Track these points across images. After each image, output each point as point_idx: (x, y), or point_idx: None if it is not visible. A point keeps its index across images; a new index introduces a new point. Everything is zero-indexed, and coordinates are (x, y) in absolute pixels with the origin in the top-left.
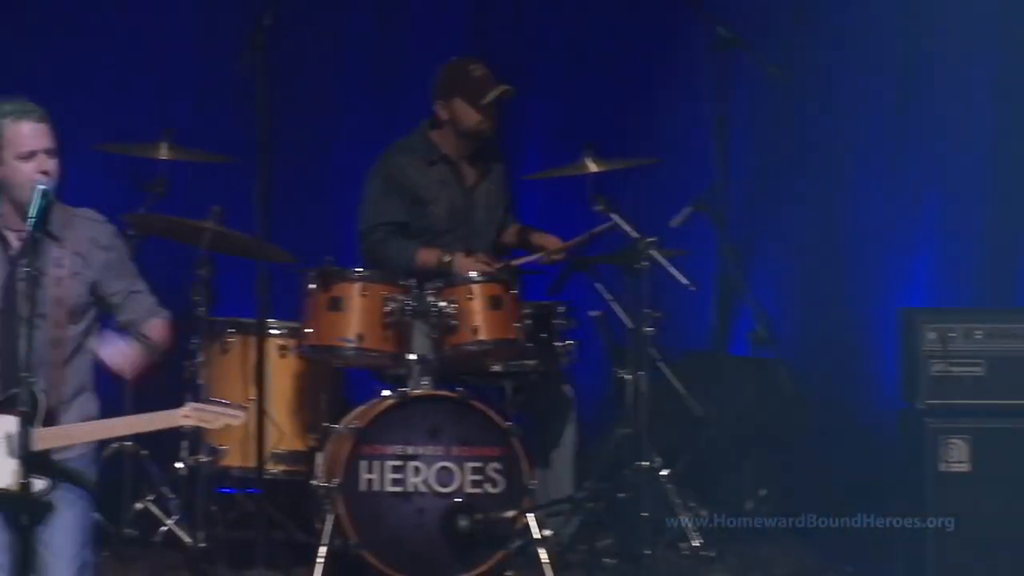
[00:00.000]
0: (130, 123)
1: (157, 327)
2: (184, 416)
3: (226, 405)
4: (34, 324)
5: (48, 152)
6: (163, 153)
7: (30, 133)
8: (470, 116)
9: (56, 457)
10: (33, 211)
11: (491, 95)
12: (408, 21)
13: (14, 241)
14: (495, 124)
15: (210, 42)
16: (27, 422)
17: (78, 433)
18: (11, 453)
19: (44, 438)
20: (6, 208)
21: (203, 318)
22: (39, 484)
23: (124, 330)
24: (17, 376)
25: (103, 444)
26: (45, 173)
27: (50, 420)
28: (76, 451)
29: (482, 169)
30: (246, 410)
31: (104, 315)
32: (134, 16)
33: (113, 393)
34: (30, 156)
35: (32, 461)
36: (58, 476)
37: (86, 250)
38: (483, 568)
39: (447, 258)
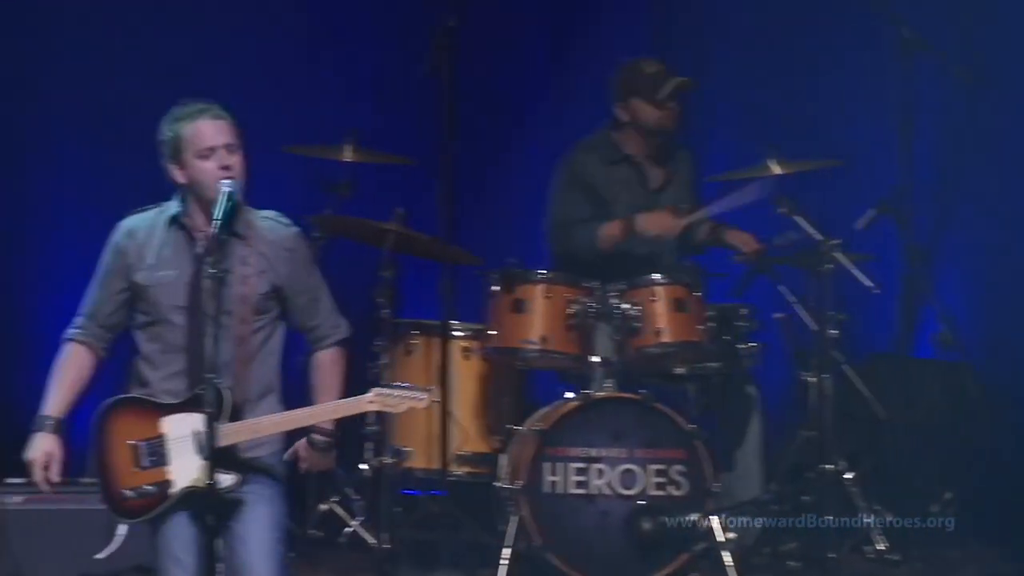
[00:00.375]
0: (315, 125)
1: (329, 364)
2: (369, 402)
3: (410, 388)
4: (219, 322)
5: (228, 148)
6: (348, 155)
7: (207, 131)
8: (650, 113)
9: (246, 455)
10: (218, 212)
11: (667, 88)
12: (588, 21)
13: (201, 240)
14: (677, 118)
15: (394, 44)
16: (213, 419)
17: (265, 425)
18: (198, 451)
19: (231, 433)
20: (192, 207)
21: (387, 320)
22: (226, 480)
23: (303, 334)
24: (203, 374)
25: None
26: (227, 169)
27: (236, 418)
28: (265, 449)
29: (668, 171)
30: (430, 392)
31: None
32: (319, 19)
33: (296, 395)
34: (210, 153)
35: (219, 459)
36: (247, 472)
37: (271, 251)
38: (666, 571)
39: (630, 221)
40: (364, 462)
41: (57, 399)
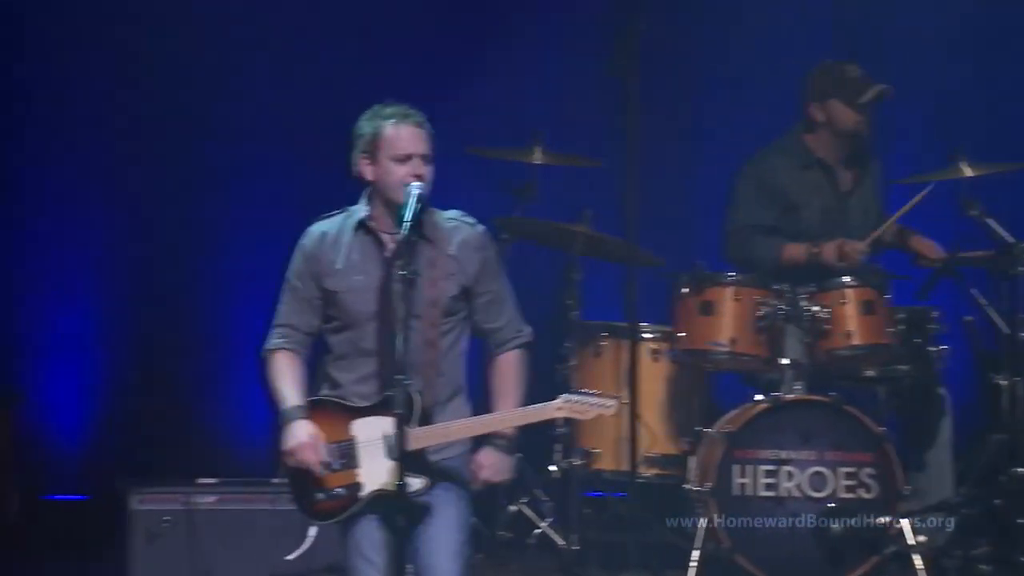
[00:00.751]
0: (500, 127)
1: (511, 367)
2: (557, 408)
3: (598, 396)
4: (409, 325)
5: (423, 158)
6: (535, 157)
7: (408, 137)
8: (848, 116)
9: (433, 458)
10: (408, 214)
11: (869, 94)
12: (771, 23)
13: (389, 243)
14: (869, 126)
15: (578, 46)
16: (403, 423)
17: (454, 430)
18: (388, 454)
19: (421, 437)
20: (378, 210)
21: (576, 322)
22: (416, 484)
23: (484, 337)
24: (393, 377)
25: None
26: (418, 178)
27: (425, 421)
28: (453, 451)
29: (857, 174)
30: (617, 399)
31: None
32: (502, 20)
33: (484, 397)
34: (406, 160)
35: (408, 462)
36: (435, 475)
37: (460, 252)
38: (856, 574)
39: (815, 249)
40: (553, 464)
41: (293, 392)
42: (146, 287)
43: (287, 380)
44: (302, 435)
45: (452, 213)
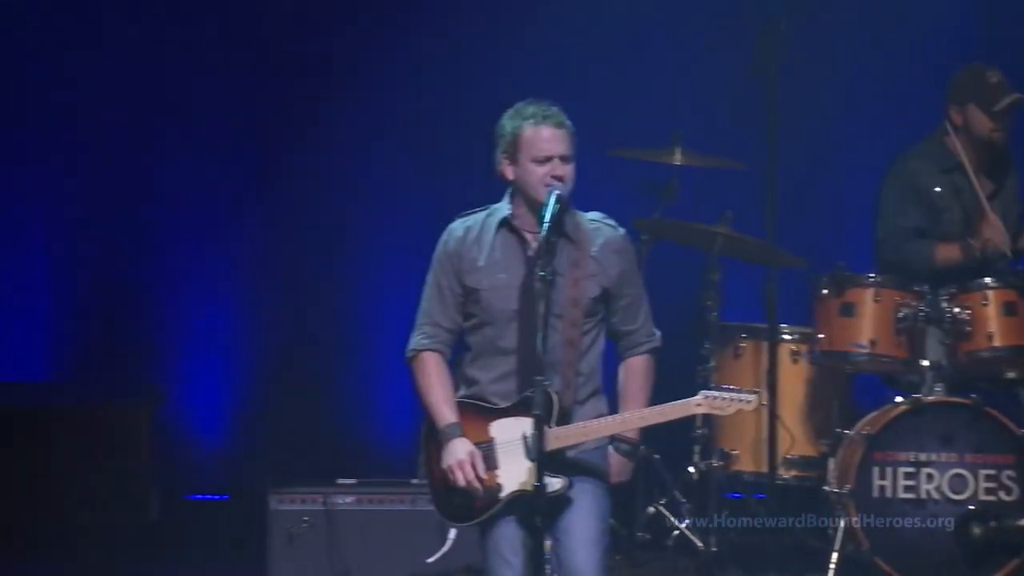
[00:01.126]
0: (639, 128)
1: (642, 370)
2: (697, 404)
3: (738, 391)
4: (550, 324)
5: (563, 159)
6: (676, 158)
7: (548, 138)
8: (983, 123)
9: (571, 453)
10: (547, 215)
11: (1003, 102)
12: (915, 25)
13: (531, 242)
14: (1007, 134)
15: (718, 46)
16: (542, 423)
17: (593, 429)
18: (527, 455)
19: (560, 437)
20: (520, 210)
21: (715, 323)
22: (555, 484)
23: (616, 339)
24: (533, 377)
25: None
26: (558, 179)
27: (564, 420)
28: (589, 444)
29: (997, 179)
30: (758, 394)
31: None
32: (638, 21)
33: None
34: (545, 160)
35: (547, 462)
36: (573, 472)
37: (602, 254)
38: None
39: (972, 241)
40: (691, 465)
41: (447, 407)
42: (287, 287)
43: (439, 392)
44: (461, 453)
45: (594, 215)
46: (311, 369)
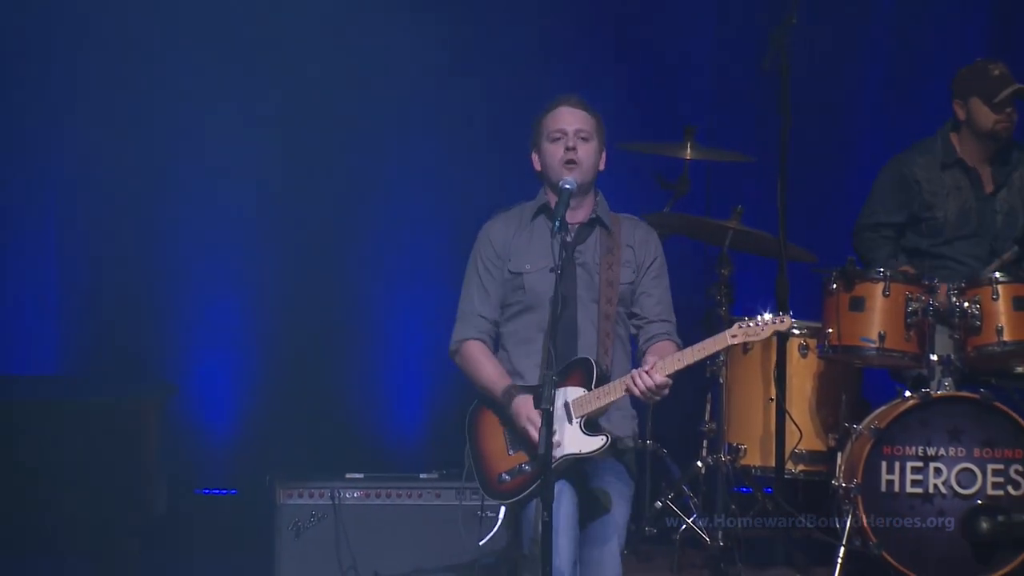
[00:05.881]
0: (649, 122)
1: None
2: (732, 336)
3: (770, 314)
4: (585, 305)
5: (577, 133)
6: (688, 153)
7: (561, 114)
8: (986, 116)
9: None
10: (560, 209)
11: (1004, 93)
12: (929, 21)
13: (569, 229)
14: (1012, 125)
15: (729, 41)
16: (550, 418)
17: (630, 381)
18: (569, 420)
19: (601, 395)
20: (549, 196)
21: (725, 317)
22: (596, 443)
23: (637, 328)
24: (569, 357)
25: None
26: (572, 159)
27: (601, 384)
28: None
29: (1003, 174)
30: (790, 315)
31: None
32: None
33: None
34: (560, 135)
35: (589, 424)
36: (611, 437)
37: (636, 244)
38: (1005, 571)
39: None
40: (699, 459)
41: (500, 377)
42: (298, 282)
43: (490, 367)
44: (531, 409)
45: (624, 214)
46: (320, 364)
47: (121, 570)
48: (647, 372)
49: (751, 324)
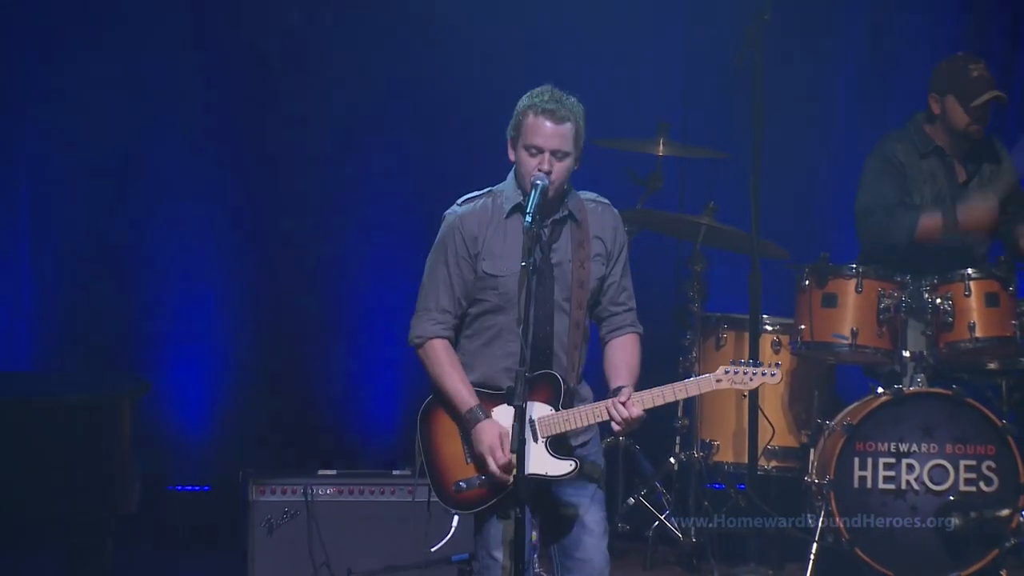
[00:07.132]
0: (623, 118)
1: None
2: (717, 380)
3: (759, 365)
4: (559, 307)
5: (556, 154)
6: (661, 149)
7: (544, 132)
8: (960, 116)
9: (573, 443)
10: (530, 206)
11: (982, 99)
12: (902, 16)
13: (542, 227)
14: (983, 128)
15: (701, 36)
16: (523, 415)
17: (602, 411)
18: (534, 439)
19: (569, 419)
20: (525, 183)
21: (697, 313)
22: (566, 467)
23: (600, 321)
24: (542, 360)
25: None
26: (545, 173)
27: (568, 403)
28: (587, 435)
29: (976, 164)
30: (780, 368)
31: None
32: (623, 11)
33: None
34: (536, 152)
35: (555, 445)
36: (579, 460)
37: (602, 232)
38: (976, 567)
39: (953, 214)
40: (672, 455)
41: (467, 391)
42: (271, 279)
43: (456, 377)
44: (492, 437)
45: (587, 194)
46: (293, 361)
47: (94, 566)
48: (623, 404)
49: (740, 371)
